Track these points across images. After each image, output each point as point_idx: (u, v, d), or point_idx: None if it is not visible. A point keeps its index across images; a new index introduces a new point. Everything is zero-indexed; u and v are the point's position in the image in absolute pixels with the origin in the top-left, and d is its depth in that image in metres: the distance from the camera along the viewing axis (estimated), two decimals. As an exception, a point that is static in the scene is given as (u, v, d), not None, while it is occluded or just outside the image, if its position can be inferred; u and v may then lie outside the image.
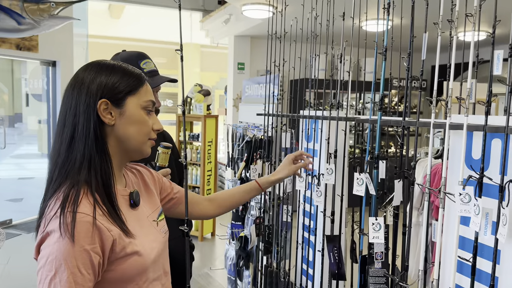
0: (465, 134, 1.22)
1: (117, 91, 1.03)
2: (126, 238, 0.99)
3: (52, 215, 0.93)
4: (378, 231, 1.48)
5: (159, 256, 1.11)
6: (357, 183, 1.65)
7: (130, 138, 1.05)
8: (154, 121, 1.10)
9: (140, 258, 1.02)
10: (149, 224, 1.13)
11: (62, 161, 0.99)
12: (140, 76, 1.08)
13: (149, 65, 1.70)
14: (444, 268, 1.38)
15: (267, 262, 2.50)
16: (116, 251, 0.97)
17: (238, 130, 3.17)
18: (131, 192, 1.10)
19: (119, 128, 1.04)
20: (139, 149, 1.08)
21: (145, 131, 1.07)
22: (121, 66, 1.07)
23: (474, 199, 1.16)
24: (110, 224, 0.97)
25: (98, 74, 1.03)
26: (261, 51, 6.64)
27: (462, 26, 1.58)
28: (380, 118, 1.56)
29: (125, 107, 1.04)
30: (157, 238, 1.13)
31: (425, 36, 1.38)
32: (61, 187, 0.98)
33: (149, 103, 1.08)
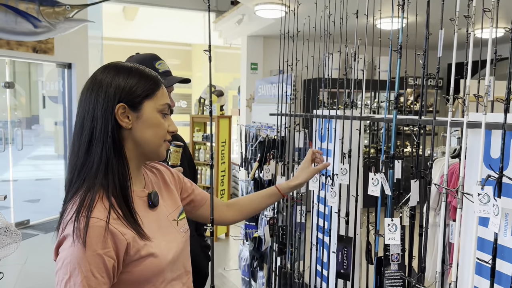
0: (483, 133, 1.19)
1: (135, 95, 1.04)
2: (141, 241, 1.00)
3: (68, 220, 0.95)
4: (394, 232, 1.46)
5: (177, 256, 1.12)
6: (372, 183, 1.62)
7: (147, 141, 1.07)
8: (170, 123, 1.12)
9: (155, 259, 1.02)
10: (169, 224, 1.14)
11: (81, 164, 1.01)
12: (156, 79, 1.09)
13: (163, 66, 1.72)
14: (462, 270, 1.35)
15: (281, 263, 2.49)
16: (131, 254, 0.99)
17: (251, 130, 3.16)
18: (149, 193, 1.11)
19: (136, 131, 1.05)
20: (155, 152, 1.10)
21: (161, 134, 1.09)
22: (139, 69, 1.08)
23: (493, 199, 1.13)
24: (124, 228, 0.98)
25: (115, 78, 1.04)
26: (274, 51, 6.62)
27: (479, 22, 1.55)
28: (395, 117, 1.53)
29: (142, 111, 1.05)
30: (176, 238, 1.14)
31: (441, 32, 1.35)
32: (79, 191, 1.00)
33: (165, 106, 1.09)
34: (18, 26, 4.77)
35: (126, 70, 1.06)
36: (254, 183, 2.96)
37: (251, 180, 2.99)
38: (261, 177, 2.77)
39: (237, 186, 7.03)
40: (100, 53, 7.18)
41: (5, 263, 4.06)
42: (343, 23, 1.99)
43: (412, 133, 1.51)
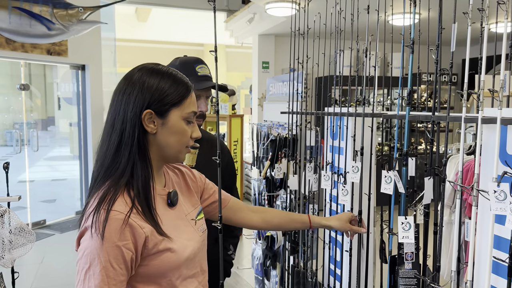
0: (499, 128, 1.16)
1: (163, 103, 1.07)
2: (159, 236, 1.04)
3: (90, 212, 1.00)
4: (408, 231, 1.43)
5: (194, 254, 1.14)
6: (385, 181, 1.60)
7: (169, 146, 1.10)
8: (194, 129, 1.15)
9: (173, 255, 1.06)
10: (187, 222, 1.17)
11: (108, 164, 1.06)
12: (186, 88, 1.12)
13: (203, 70, 1.73)
14: (478, 269, 1.32)
15: (294, 262, 2.47)
16: (149, 247, 1.02)
17: (262, 129, 3.15)
18: (169, 192, 1.15)
19: (160, 136, 1.09)
20: (175, 157, 1.14)
21: (184, 141, 1.12)
22: (171, 76, 1.10)
23: (510, 197, 1.10)
24: (143, 222, 1.02)
25: (147, 83, 1.07)
26: (285, 49, 6.59)
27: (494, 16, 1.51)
28: (408, 114, 1.51)
29: (168, 118, 1.08)
30: (194, 237, 1.16)
31: (454, 26, 1.32)
32: (103, 186, 1.04)
33: (191, 114, 1.12)
34: (32, 28, 4.84)
35: (158, 76, 1.08)
36: (266, 181, 2.95)
37: (263, 179, 2.98)
38: (273, 175, 2.76)
39: (249, 185, 7.03)
40: (113, 54, 7.24)
41: (22, 262, 4.13)
42: (354, 20, 1.96)
43: (426, 130, 1.48)
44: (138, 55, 11.76)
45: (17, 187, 6.08)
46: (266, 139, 2.97)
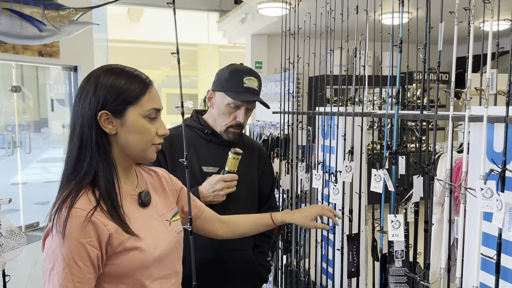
0: (485, 126, 1.17)
1: (118, 103, 1.05)
2: (126, 234, 1.03)
3: (53, 211, 1.00)
4: (398, 229, 1.44)
5: (166, 255, 1.13)
6: (374, 179, 1.61)
7: (132, 146, 1.09)
8: (159, 126, 1.13)
9: (140, 254, 1.05)
10: (160, 223, 1.16)
11: (72, 169, 1.06)
12: (142, 84, 1.09)
13: (251, 83, 1.69)
14: (467, 266, 1.33)
15: (287, 261, 2.48)
16: (114, 245, 1.01)
17: (255, 129, 3.15)
18: (140, 192, 1.14)
19: (121, 136, 1.08)
20: (141, 156, 1.12)
21: (147, 139, 1.10)
22: (124, 74, 1.08)
23: (497, 194, 1.11)
24: (108, 220, 1.01)
25: (100, 84, 1.06)
26: (278, 49, 6.59)
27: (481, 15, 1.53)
28: (397, 112, 1.52)
29: (126, 117, 1.07)
30: (166, 237, 1.15)
31: (441, 26, 1.34)
32: (68, 187, 1.04)
33: (151, 111, 1.09)
34: (24, 30, 4.81)
35: (111, 76, 1.07)
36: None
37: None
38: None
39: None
40: (105, 55, 7.22)
41: (15, 265, 4.11)
42: (344, 19, 1.97)
43: (415, 128, 1.49)
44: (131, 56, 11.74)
45: (9, 190, 6.04)
46: (259, 139, 2.97)
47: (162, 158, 1.69)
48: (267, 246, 1.81)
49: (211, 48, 10.85)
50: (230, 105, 1.66)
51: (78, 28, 5.16)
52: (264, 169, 1.84)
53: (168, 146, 1.70)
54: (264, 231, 1.55)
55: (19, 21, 4.76)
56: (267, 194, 1.85)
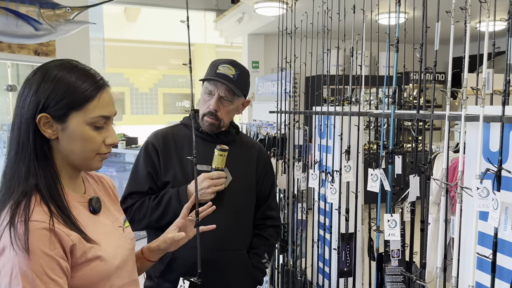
0: (482, 126, 1.17)
1: (60, 107, 0.95)
2: (87, 243, 0.97)
3: (4, 227, 0.89)
4: (394, 228, 1.44)
5: (124, 263, 1.07)
6: (371, 179, 1.61)
7: (74, 154, 1.00)
8: (108, 135, 1.02)
9: (102, 263, 0.99)
10: (115, 229, 1.10)
11: (10, 174, 0.97)
12: (91, 88, 0.98)
13: (224, 70, 1.66)
14: (463, 265, 1.34)
15: (283, 260, 2.48)
16: (77, 256, 0.95)
17: (252, 128, 3.15)
18: (90, 199, 1.06)
19: (62, 142, 0.98)
20: (85, 165, 1.03)
21: (91, 148, 1.00)
22: (71, 75, 0.98)
23: (492, 193, 1.11)
24: (68, 229, 0.94)
25: (42, 84, 0.96)
26: (275, 48, 6.59)
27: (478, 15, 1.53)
28: (393, 112, 1.52)
29: (68, 123, 0.97)
30: (122, 244, 1.09)
31: (438, 25, 1.34)
32: (13, 195, 0.94)
33: (98, 119, 0.99)
34: (19, 29, 4.77)
35: (56, 76, 0.96)
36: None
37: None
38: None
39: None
40: (102, 54, 7.18)
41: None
42: (340, 19, 1.97)
43: (411, 128, 1.49)
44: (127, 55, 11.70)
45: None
46: (256, 138, 2.97)
47: (155, 156, 1.68)
48: (263, 248, 1.77)
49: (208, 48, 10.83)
50: (205, 92, 1.66)
51: (74, 27, 5.13)
52: (264, 170, 1.81)
53: (162, 144, 1.69)
54: (144, 266, 1.32)
55: (14, 20, 4.73)
56: (266, 195, 1.82)
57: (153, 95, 13.17)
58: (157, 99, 13.22)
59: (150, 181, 1.68)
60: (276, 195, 1.91)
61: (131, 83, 12.75)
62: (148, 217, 1.66)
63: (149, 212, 1.65)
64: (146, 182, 1.67)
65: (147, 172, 1.68)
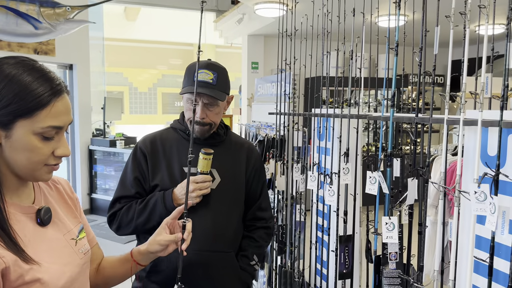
0: (480, 130, 1.18)
1: (4, 112, 0.87)
2: (26, 265, 0.88)
3: None
4: (392, 231, 1.45)
5: (72, 281, 0.98)
6: (369, 181, 1.62)
7: (18, 164, 0.91)
8: (58, 146, 0.94)
9: (43, 286, 0.90)
10: (65, 243, 1.01)
11: None
12: (46, 94, 0.89)
13: (202, 76, 1.62)
14: (460, 269, 1.34)
15: (281, 262, 2.48)
16: (11, 279, 0.85)
17: (251, 129, 3.15)
18: (39, 209, 0.98)
19: (5, 150, 0.90)
20: (30, 176, 0.95)
21: (37, 159, 0.92)
22: (22, 79, 0.88)
23: (490, 197, 1.12)
24: (3, 249, 0.85)
25: None
26: (274, 50, 6.60)
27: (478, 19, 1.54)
28: (392, 115, 1.53)
29: (13, 131, 0.88)
30: (73, 260, 1.01)
31: (437, 29, 1.35)
32: None
33: (47, 129, 0.90)
34: (19, 27, 4.78)
35: (8, 75, 0.88)
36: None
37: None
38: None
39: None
40: (101, 53, 7.19)
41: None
42: (340, 21, 1.98)
43: (410, 131, 1.50)
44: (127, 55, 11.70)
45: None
46: (255, 139, 2.98)
47: (143, 160, 1.69)
48: (252, 250, 1.75)
49: (207, 48, 10.85)
50: (187, 101, 1.65)
51: (74, 26, 5.15)
52: (254, 169, 1.79)
53: (150, 148, 1.70)
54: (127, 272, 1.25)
55: (14, 19, 4.74)
56: (257, 195, 1.80)
57: (152, 95, 13.18)
58: (156, 98, 13.22)
59: (137, 186, 1.69)
60: (268, 196, 1.89)
61: (130, 83, 12.75)
62: (134, 221, 1.66)
63: (136, 215, 1.65)
64: (133, 186, 1.68)
65: (134, 177, 1.69)
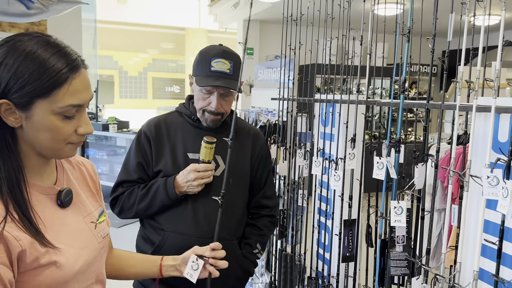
0: (493, 116, 1.20)
1: (22, 94, 0.85)
2: (42, 248, 0.87)
3: None
4: (400, 215, 1.48)
5: (88, 265, 0.99)
6: (377, 167, 1.64)
7: (40, 144, 0.91)
8: (80, 123, 0.93)
9: (58, 270, 0.90)
10: (84, 226, 1.01)
11: None
12: (60, 75, 0.87)
13: (219, 65, 1.57)
14: (466, 252, 1.38)
15: (281, 246, 2.51)
16: (27, 262, 0.85)
17: (250, 115, 3.16)
18: (60, 191, 0.97)
19: (27, 131, 0.89)
20: (54, 155, 0.95)
21: (59, 138, 0.91)
22: (38, 57, 0.85)
23: (503, 182, 1.15)
24: (21, 232, 0.85)
25: (4, 64, 0.84)
26: (270, 35, 6.58)
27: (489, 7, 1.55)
28: (402, 101, 1.54)
29: (32, 111, 0.87)
30: (91, 244, 1.01)
31: (451, 16, 1.36)
32: None
33: (67, 108, 0.89)
34: (11, 7, 4.68)
35: (20, 55, 0.85)
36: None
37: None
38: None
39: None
40: (93, 36, 7.07)
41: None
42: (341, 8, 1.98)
43: (419, 118, 1.52)
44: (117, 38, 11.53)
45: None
46: (255, 125, 2.98)
47: (147, 145, 1.67)
48: (255, 238, 1.76)
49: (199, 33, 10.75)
50: (201, 90, 1.59)
51: (66, 7, 5.05)
52: (260, 156, 1.78)
53: (154, 133, 1.67)
54: (148, 276, 1.29)
55: (6, -2, 4.63)
56: (262, 182, 1.80)
57: (142, 79, 13.04)
58: (146, 83, 13.09)
59: (140, 171, 1.68)
60: (273, 184, 1.90)
61: (120, 66, 12.59)
62: (136, 207, 1.66)
63: (137, 201, 1.65)
64: (136, 172, 1.68)
65: (137, 162, 1.68)
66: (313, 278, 2.13)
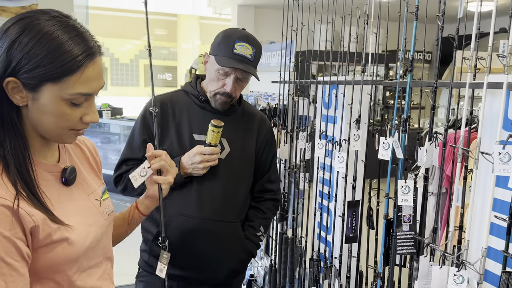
0: (505, 92, 1.20)
1: (32, 75, 0.83)
2: (54, 224, 0.88)
3: None
4: (407, 194, 1.48)
5: (97, 242, 0.99)
6: (383, 147, 1.64)
7: (44, 126, 0.89)
8: (87, 111, 0.91)
9: (70, 246, 0.90)
10: (89, 204, 1.01)
11: None
12: (74, 61, 0.84)
13: (242, 49, 1.56)
14: (473, 230, 1.39)
15: (281, 229, 2.52)
16: (40, 238, 0.86)
17: (249, 99, 3.13)
18: (65, 169, 0.96)
19: (32, 112, 0.87)
20: (54, 138, 0.94)
21: (64, 125, 0.90)
22: (54, 40, 0.83)
23: (515, 158, 1.15)
24: (32, 208, 0.85)
25: (18, 42, 0.82)
26: (265, 21, 6.51)
27: None
28: (410, 81, 1.54)
29: (40, 94, 0.85)
30: (97, 221, 1.01)
31: None
32: None
33: (76, 96, 0.87)
34: (1, -10, 4.57)
35: (36, 35, 0.82)
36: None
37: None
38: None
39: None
40: (85, 22, 6.95)
41: None
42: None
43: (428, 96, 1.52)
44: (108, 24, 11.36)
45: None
46: (254, 109, 2.97)
47: (152, 124, 1.65)
48: (258, 221, 1.76)
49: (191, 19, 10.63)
50: (219, 71, 1.57)
51: (58, -9, 4.95)
52: (265, 140, 1.78)
53: (159, 110, 1.64)
54: (136, 222, 1.25)
55: (-4, -20, 4.52)
56: (267, 167, 1.80)
57: (134, 67, 12.89)
58: (138, 71, 12.95)
59: (145, 149, 1.65)
60: (277, 168, 1.90)
61: (111, 53, 12.42)
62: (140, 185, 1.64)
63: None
64: (141, 150, 1.64)
65: (142, 139, 1.65)
66: (315, 259, 2.14)
